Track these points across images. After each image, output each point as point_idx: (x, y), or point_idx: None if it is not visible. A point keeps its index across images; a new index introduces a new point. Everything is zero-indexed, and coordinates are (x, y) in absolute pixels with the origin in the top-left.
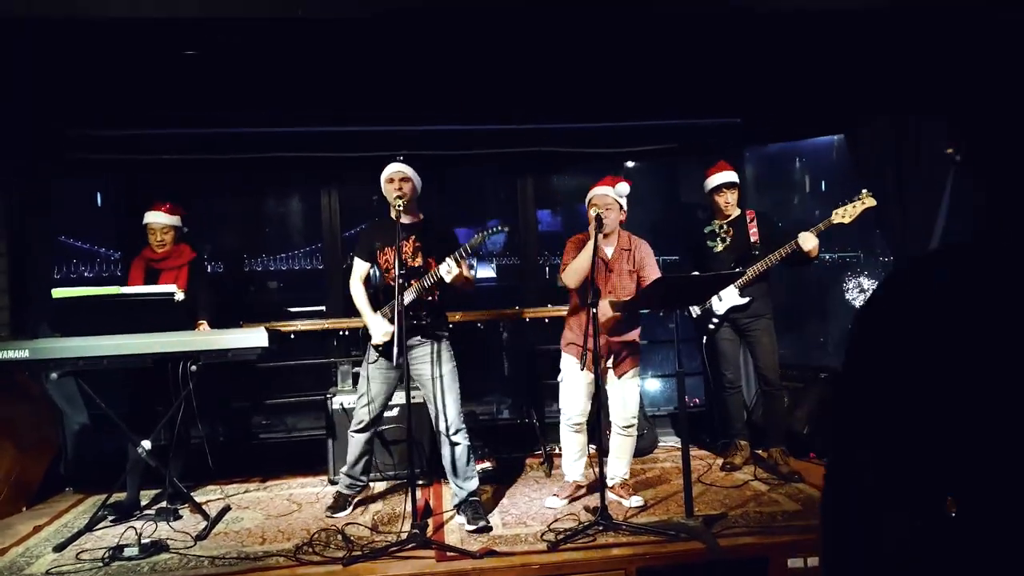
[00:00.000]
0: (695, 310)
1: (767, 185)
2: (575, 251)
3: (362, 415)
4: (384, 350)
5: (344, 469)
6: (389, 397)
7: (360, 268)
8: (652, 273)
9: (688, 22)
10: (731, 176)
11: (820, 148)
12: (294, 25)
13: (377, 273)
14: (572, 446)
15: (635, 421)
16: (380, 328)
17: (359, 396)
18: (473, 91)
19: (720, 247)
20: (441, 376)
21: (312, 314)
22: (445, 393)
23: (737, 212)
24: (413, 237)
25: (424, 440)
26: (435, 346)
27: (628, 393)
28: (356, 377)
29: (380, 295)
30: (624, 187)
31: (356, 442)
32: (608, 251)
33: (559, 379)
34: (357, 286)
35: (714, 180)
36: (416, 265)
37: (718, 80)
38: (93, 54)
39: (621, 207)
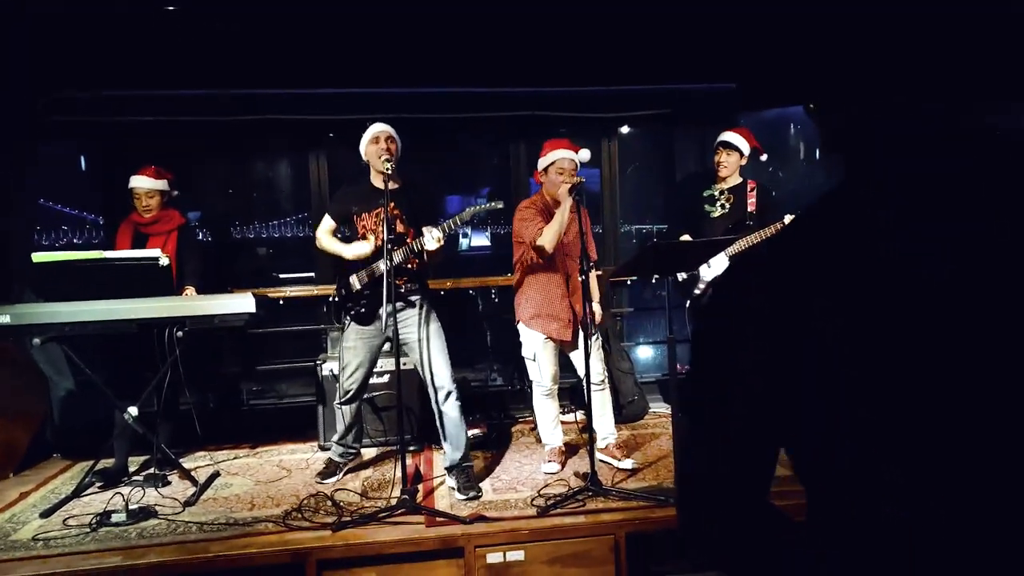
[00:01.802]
0: (681, 275)
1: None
2: (540, 216)
3: (348, 385)
4: (359, 316)
5: (335, 438)
6: (374, 364)
7: (328, 225)
8: (590, 236)
9: None
10: (731, 137)
11: None
12: None
13: (354, 238)
14: (550, 412)
15: (605, 375)
16: (360, 247)
17: (342, 367)
18: (465, 53)
19: (718, 212)
20: (428, 338)
21: (301, 280)
22: (434, 355)
23: (738, 180)
24: (393, 203)
25: (414, 406)
26: (421, 307)
27: (596, 348)
28: None
29: (358, 261)
30: (586, 154)
31: (345, 413)
32: None
33: (527, 354)
34: (327, 237)
35: (718, 139)
36: (398, 232)
37: (713, 44)
38: (73, 11)
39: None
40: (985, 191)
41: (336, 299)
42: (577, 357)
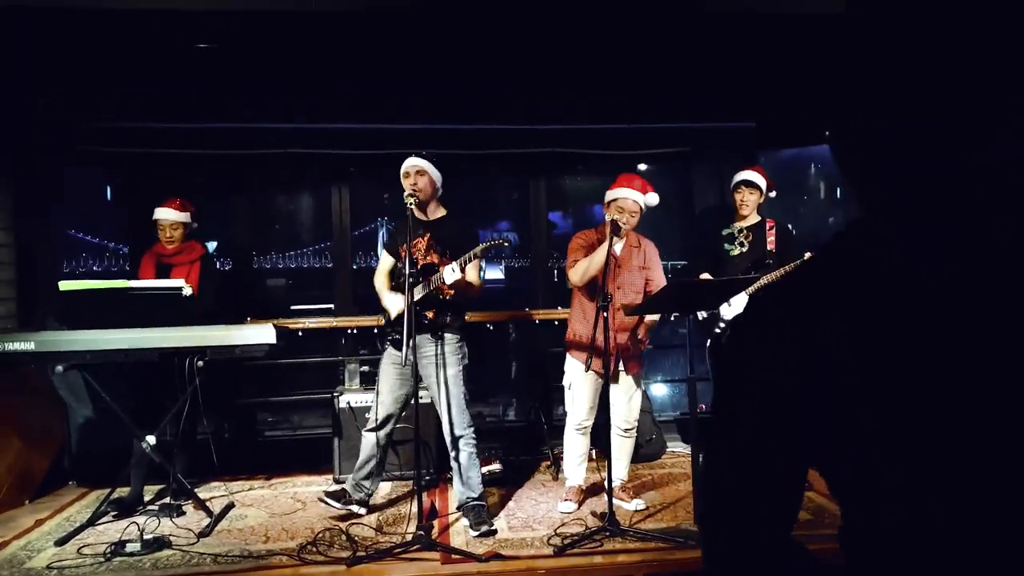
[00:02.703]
0: (701, 313)
1: (781, 191)
2: (583, 250)
3: (379, 414)
4: (394, 342)
5: (353, 469)
6: (406, 396)
7: (385, 262)
8: (658, 273)
9: (704, 25)
10: (753, 175)
11: None
12: (307, 19)
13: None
14: (577, 449)
15: (636, 423)
16: (395, 304)
17: (376, 393)
18: (486, 90)
19: (737, 251)
20: (446, 380)
21: (320, 312)
22: (450, 399)
23: (757, 219)
24: (429, 235)
25: (431, 441)
26: (440, 346)
27: (634, 395)
28: (364, 376)
29: (400, 290)
30: (654, 198)
31: (366, 442)
32: (617, 248)
33: (565, 383)
34: (380, 279)
35: (735, 178)
36: (430, 262)
37: (733, 84)
38: (102, 45)
39: (642, 215)
40: (985, 191)
41: (379, 327)
42: (615, 396)
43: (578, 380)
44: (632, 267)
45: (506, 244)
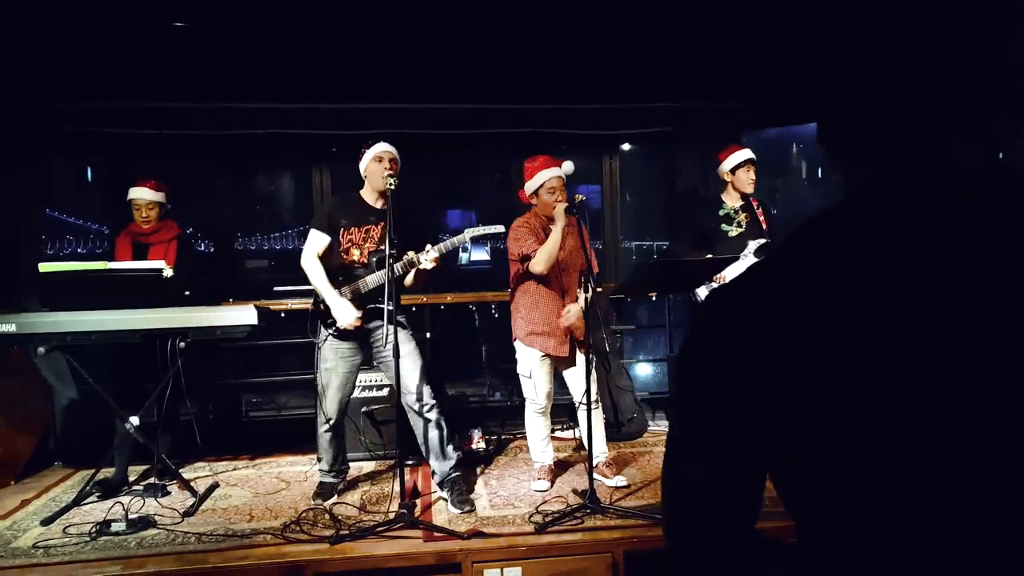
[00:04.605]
0: (701, 293)
1: (764, 170)
2: (533, 236)
3: (330, 411)
4: (339, 331)
5: (324, 467)
6: (353, 384)
7: (320, 242)
8: (591, 252)
9: (689, 3)
10: (751, 153)
11: None
12: None
13: (336, 250)
14: (541, 430)
15: (599, 394)
16: (349, 313)
17: (322, 389)
18: (468, 70)
19: (735, 232)
20: (400, 355)
21: (304, 293)
22: (409, 368)
23: (745, 199)
24: (383, 223)
25: None
26: (394, 329)
27: (591, 366)
28: None
29: (338, 275)
30: (569, 166)
31: (327, 440)
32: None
33: (523, 371)
34: (314, 261)
35: (739, 156)
36: (381, 249)
37: (717, 63)
38: (80, 23)
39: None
40: (977, 189)
41: (312, 311)
42: (571, 374)
43: (537, 368)
44: (576, 246)
45: (500, 231)
